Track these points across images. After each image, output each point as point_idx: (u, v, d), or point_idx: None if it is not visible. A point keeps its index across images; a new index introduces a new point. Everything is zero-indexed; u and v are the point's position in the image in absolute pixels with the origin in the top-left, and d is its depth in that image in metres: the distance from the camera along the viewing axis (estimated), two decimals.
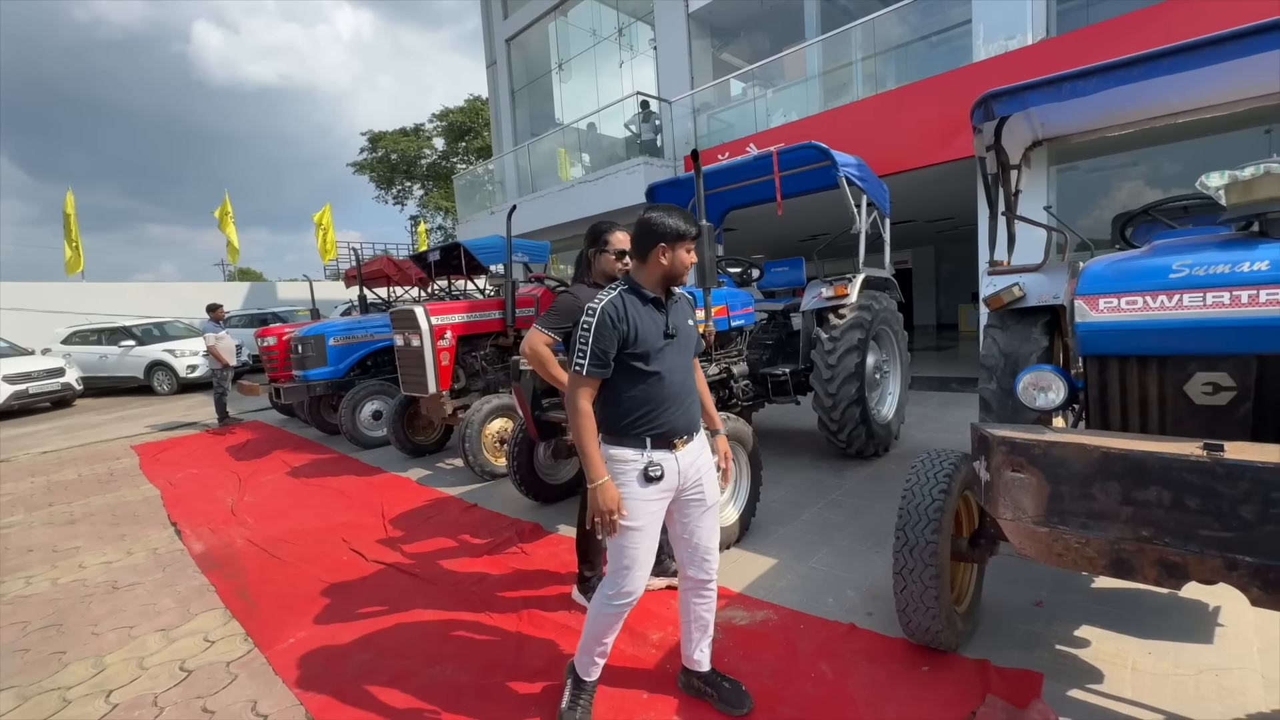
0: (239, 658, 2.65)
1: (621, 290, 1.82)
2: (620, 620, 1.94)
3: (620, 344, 1.76)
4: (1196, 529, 1.37)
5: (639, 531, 1.82)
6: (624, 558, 1.84)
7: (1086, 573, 1.67)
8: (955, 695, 1.98)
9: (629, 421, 1.80)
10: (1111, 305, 1.64)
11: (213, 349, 8.23)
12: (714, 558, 2.00)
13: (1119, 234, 3.14)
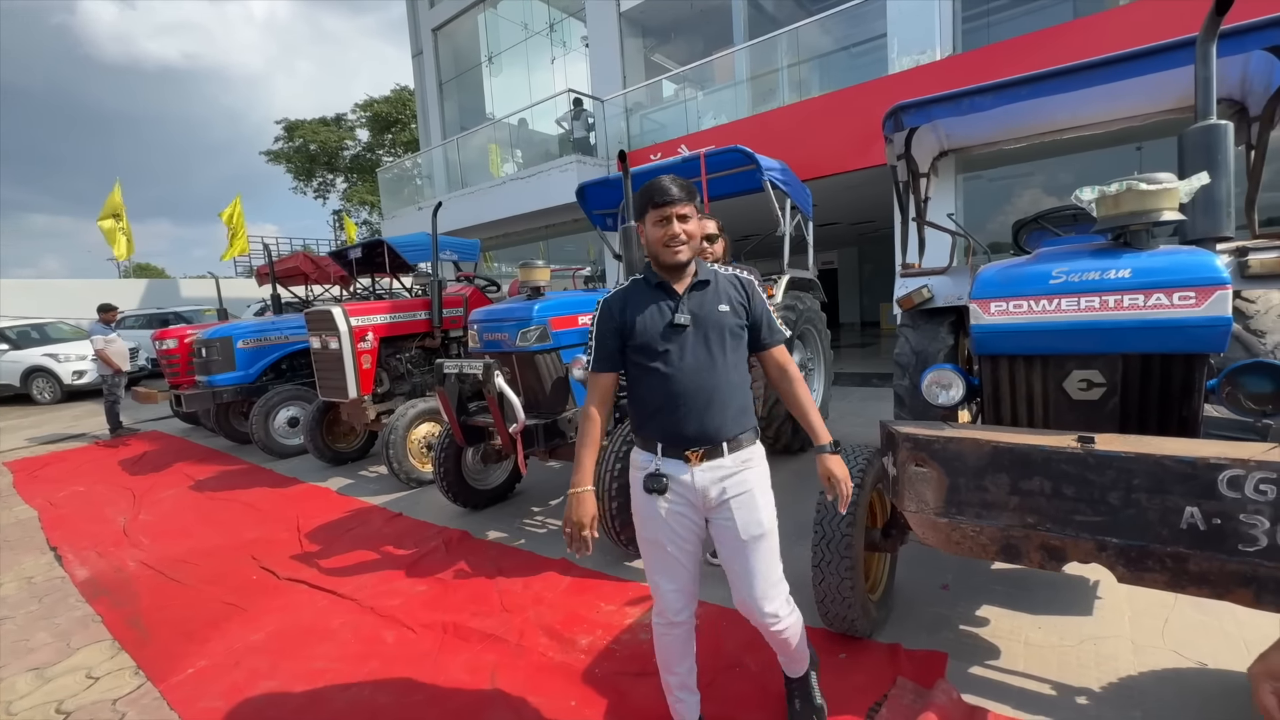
0: (127, 694, 2.42)
1: (634, 277, 1.70)
2: (670, 644, 1.74)
3: (621, 337, 1.63)
4: (1072, 515, 1.49)
5: (651, 545, 1.66)
6: (649, 574, 1.71)
7: (981, 559, 1.79)
8: (869, 680, 2.07)
9: (639, 423, 1.67)
10: (1001, 309, 1.76)
11: (102, 353, 7.49)
12: (766, 600, 1.64)
13: (1014, 239, 3.38)
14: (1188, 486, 1.34)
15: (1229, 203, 1.98)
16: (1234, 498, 1.30)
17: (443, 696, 2.21)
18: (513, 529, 3.76)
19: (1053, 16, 7.23)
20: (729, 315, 1.63)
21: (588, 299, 3.66)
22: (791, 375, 1.73)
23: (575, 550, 1.60)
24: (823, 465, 1.66)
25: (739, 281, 1.70)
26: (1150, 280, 1.55)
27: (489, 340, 3.50)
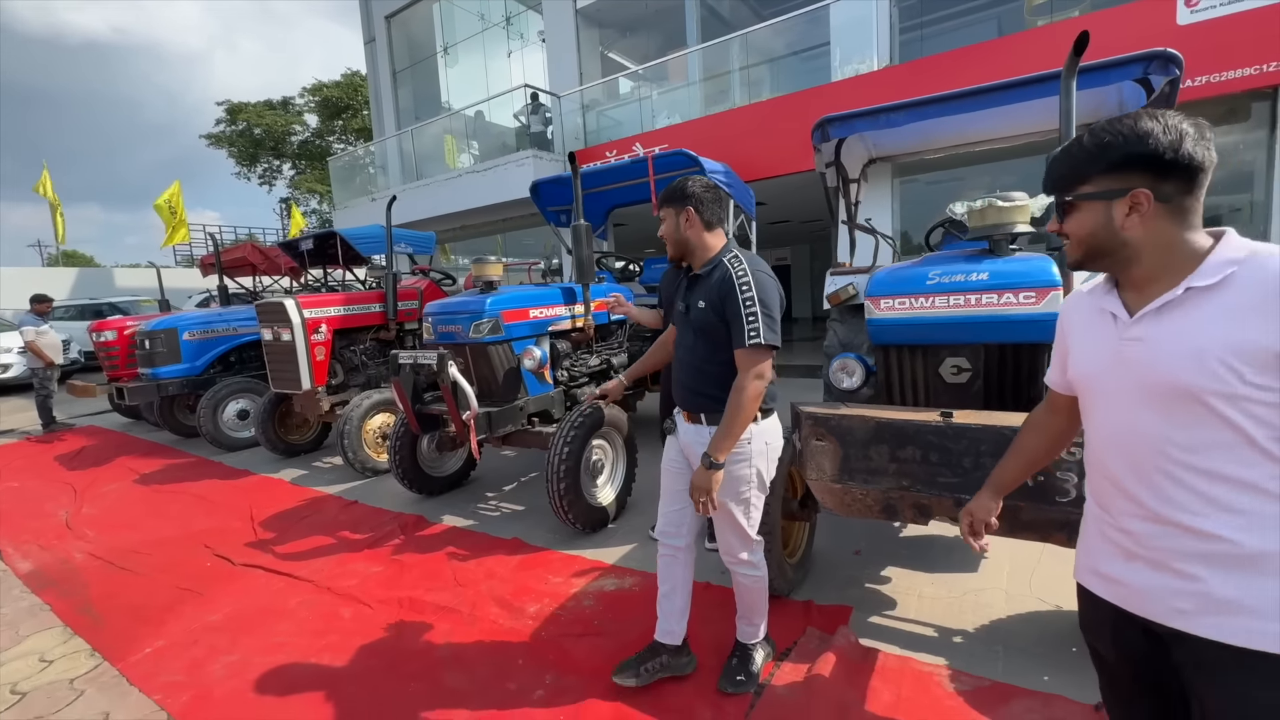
0: (84, 673, 2.50)
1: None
2: (661, 563, 2.13)
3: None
4: (937, 477, 1.79)
5: (662, 473, 2.10)
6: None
7: (867, 518, 2.09)
8: (784, 631, 2.35)
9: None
10: (889, 305, 2.06)
11: (32, 345, 7.19)
12: (729, 551, 1.97)
13: (925, 241, 3.74)
14: None
15: None
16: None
17: (399, 662, 2.39)
18: (468, 513, 3.93)
19: (980, 34, 7.76)
20: (706, 312, 1.84)
21: (540, 293, 3.85)
22: (737, 383, 1.78)
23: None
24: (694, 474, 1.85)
25: (725, 282, 1.81)
26: (1002, 282, 1.87)
27: (443, 332, 3.65)
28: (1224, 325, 0.92)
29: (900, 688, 2.00)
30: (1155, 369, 0.98)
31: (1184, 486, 0.97)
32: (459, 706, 2.10)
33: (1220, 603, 0.94)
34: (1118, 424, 1.05)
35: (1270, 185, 5.75)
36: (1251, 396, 0.90)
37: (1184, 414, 0.96)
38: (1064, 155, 1.06)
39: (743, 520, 1.94)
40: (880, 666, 2.11)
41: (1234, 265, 0.94)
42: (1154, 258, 1.00)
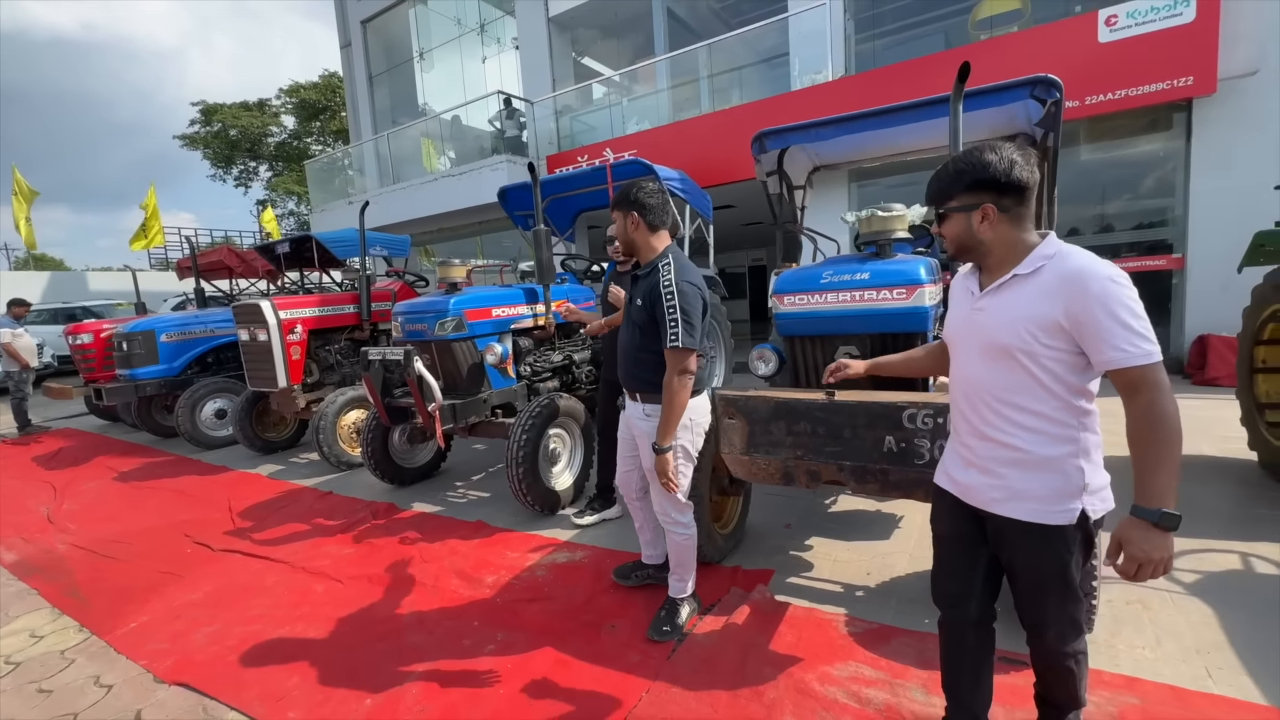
0: (74, 645, 2.72)
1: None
2: (633, 508, 2.61)
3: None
4: (824, 446, 2.10)
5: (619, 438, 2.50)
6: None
7: (771, 484, 2.39)
8: (711, 591, 2.65)
9: None
10: (791, 301, 2.37)
11: (9, 347, 7.27)
12: (660, 510, 2.31)
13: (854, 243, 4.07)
14: (887, 422, 1.97)
15: None
16: (911, 428, 1.93)
17: (366, 627, 2.65)
18: (436, 500, 4.18)
19: (929, 45, 8.17)
20: (641, 310, 2.16)
21: (502, 293, 4.11)
22: (666, 379, 2.06)
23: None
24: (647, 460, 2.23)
25: (655, 289, 2.09)
26: (879, 281, 2.19)
27: (411, 330, 3.90)
28: (1030, 302, 1.30)
29: (802, 632, 2.31)
30: (987, 332, 1.37)
31: (1000, 415, 1.37)
32: (419, 660, 2.36)
33: (1017, 492, 1.37)
34: (963, 370, 1.47)
35: (1187, 189, 6.22)
36: (1043, 353, 1.29)
37: (1001, 364, 1.35)
38: (936, 178, 1.44)
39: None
40: (789, 616, 2.42)
41: (1046, 260, 1.32)
42: (999, 252, 1.38)
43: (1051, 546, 1.35)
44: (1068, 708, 1.55)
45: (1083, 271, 1.24)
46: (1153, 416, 1.21)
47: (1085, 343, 1.25)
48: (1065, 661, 1.47)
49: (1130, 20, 5.79)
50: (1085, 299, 1.22)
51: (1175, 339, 6.49)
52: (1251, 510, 3.09)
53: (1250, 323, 3.63)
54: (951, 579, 1.57)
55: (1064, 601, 1.39)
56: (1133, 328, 1.20)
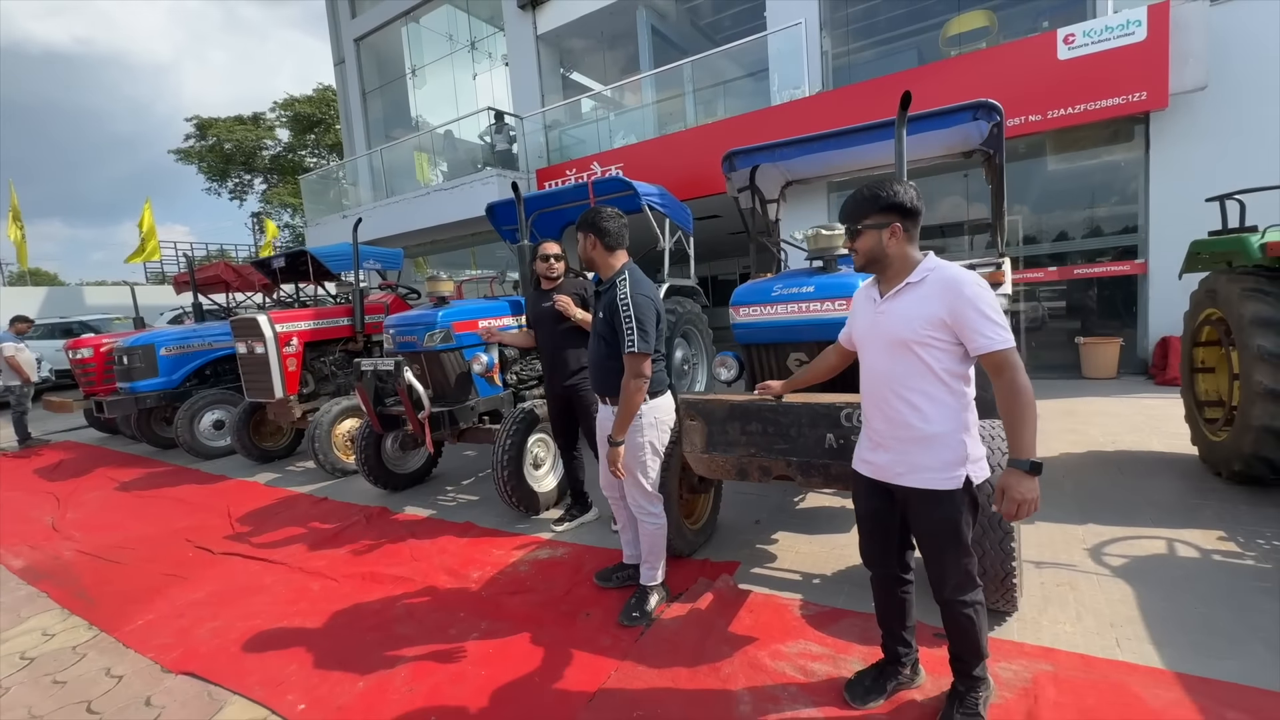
0: (85, 641, 2.90)
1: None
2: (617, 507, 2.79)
3: None
4: (773, 444, 2.32)
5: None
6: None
7: (728, 479, 2.60)
8: (680, 582, 2.85)
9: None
10: (747, 312, 2.59)
11: (11, 361, 7.45)
12: (632, 501, 2.55)
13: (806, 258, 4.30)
14: (827, 421, 2.19)
15: None
16: (848, 425, 2.15)
17: (360, 619, 2.84)
18: (428, 503, 4.37)
19: (903, 62, 8.48)
20: (603, 322, 2.44)
21: (488, 306, 4.33)
22: (624, 380, 2.34)
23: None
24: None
25: (613, 303, 2.36)
26: (823, 293, 2.41)
27: (402, 342, 4.10)
28: (921, 304, 1.61)
29: (760, 615, 2.52)
30: (889, 330, 1.66)
31: (901, 399, 1.65)
32: (408, 647, 2.55)
33: (917, 465, 1.66)
34: (870, 364, 1.75)
35: (1148, 195, 6.50)
36: (931, 345, 1.59)
37: (901, 356, 1.65)
38: (855, 201, 1.72)
39: (643, 480, 2.51)
40: (749, 602, 2.63)
41: (929, 271, 1.65)
42: (897, 265, 1.69)
43: (945, 508, 1.65)
44: (973, 660, 1.79)
45: (957, 279, 1.57)
46: (1015, 388, 1.53)
47: (962, 333, 1.55)
48: (964, 610, 1.73)
49: (1087, 39, 6.08)
50: (960, 300, 1.54)
51: (1140, 341, 6.75)
52: (1186, 500, 3.31)
53: (1188, 326, 3.88)
54: (872, 545, 1.89)
55: (959, 555, 1.69)
56: (995, 321, 1.53)
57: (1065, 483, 3.71)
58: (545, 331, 3.26)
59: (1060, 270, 7.05)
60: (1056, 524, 3.14)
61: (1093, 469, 3.93)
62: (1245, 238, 3.21)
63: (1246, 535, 2.85)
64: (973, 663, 1.79)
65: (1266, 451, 3.05)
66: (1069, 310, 7.84)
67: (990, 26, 7.77)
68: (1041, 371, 7.42)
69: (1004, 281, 3.75)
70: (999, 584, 2.18)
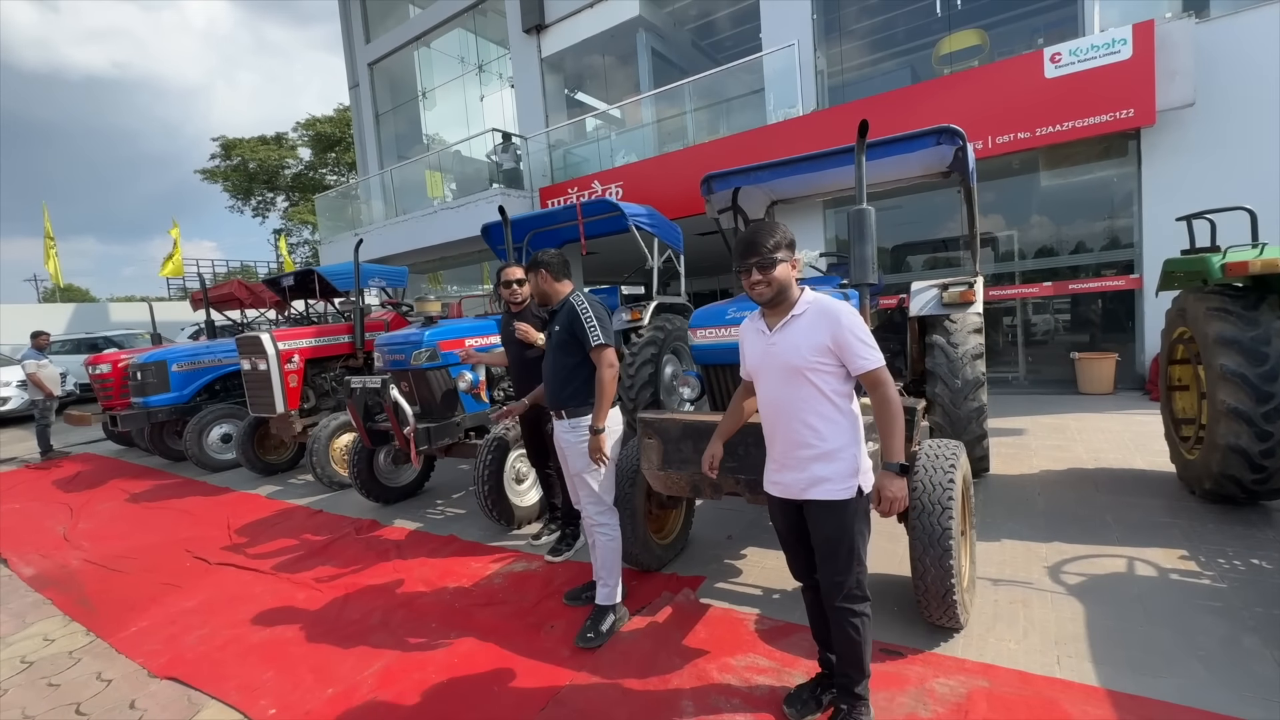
0: (81, 647, 3.06)
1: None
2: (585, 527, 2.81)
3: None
4: (724, 462, 2.40)
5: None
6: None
7: (683, 495, 2.69)
8: (645, 596, 2.94)
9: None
10: (704, 334, 2.70)
11: (34, 378, 7.78)
12: (583, 508, 2.71)
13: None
14: None
15: (875, 260, 2.98)
16: None
17: (337, 628, 2.96)
18: (416, 516, 4.50)
19: (896, 80, 8.57)
20: (562, 333, 2.66)
21: (475, 325, 4.48)
22: (597, 373, 2.56)
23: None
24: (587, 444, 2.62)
25: (571, 312, 2.64)
26: None
27: (391, 360, 4.27)
28: (805, 334, 1.75)
29: (715, 629, 2.59)
30: (780, 359, 1.79)
31: (797, 421, 1.79)
32: (378, 657, 2.66)
33: (818, 479, 1.78)
34: (767, 392, 1.87)
35: (1141, 209, 6.49)
36: (819, 369, 1.75)
37: (793, 382, 1.77)
38: (767, 234, 1.80)
39: (595, 486, 2.65)
40: (707, 616, 2.70)
41: (809, 304, 1.79)
42: (790, 295, 1.83)
43: (841, 516, 1.78)
44: (855, 675, 1.88)
45: (836, 309, 1.75)
46: (887, 400, 1.73)
47: (844, 356, 1.73)
48: (852, 619, 1.83)
49: (1073, 57, 6.13)
50: (840, 328, 1.72)
51: (1138, 356, 6.70)
52: (1155, 519, 3.32)
53: (1164, 343, 3.89)
54: (795, 560, 2.02)
55: (851, 562, 1.81)
56: (869, 345, 1.72)
57: (1038, 500, 3.73)
58: (513, 354, 3.38)
59: (1055, 285, 7.04)
60: (1021, 541, 3.17)
61: (1069, 486, 3.94)
62: (1208, 258, 3.24)
63: (1209, 555, 2.86)
64: (855, 678, 1.88)
65: (1233, 470, 3.06)
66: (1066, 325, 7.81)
67: (983, 45, 7.85)
68: (1037, 387, 7.38)
69: (975, 300, 3.81)
70: (939, 600, 2.23)
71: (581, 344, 2.61)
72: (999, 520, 3.47)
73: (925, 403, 3.76)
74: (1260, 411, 2.89)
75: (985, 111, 6.65)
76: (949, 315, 3.95)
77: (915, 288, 4.07)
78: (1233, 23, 5.92)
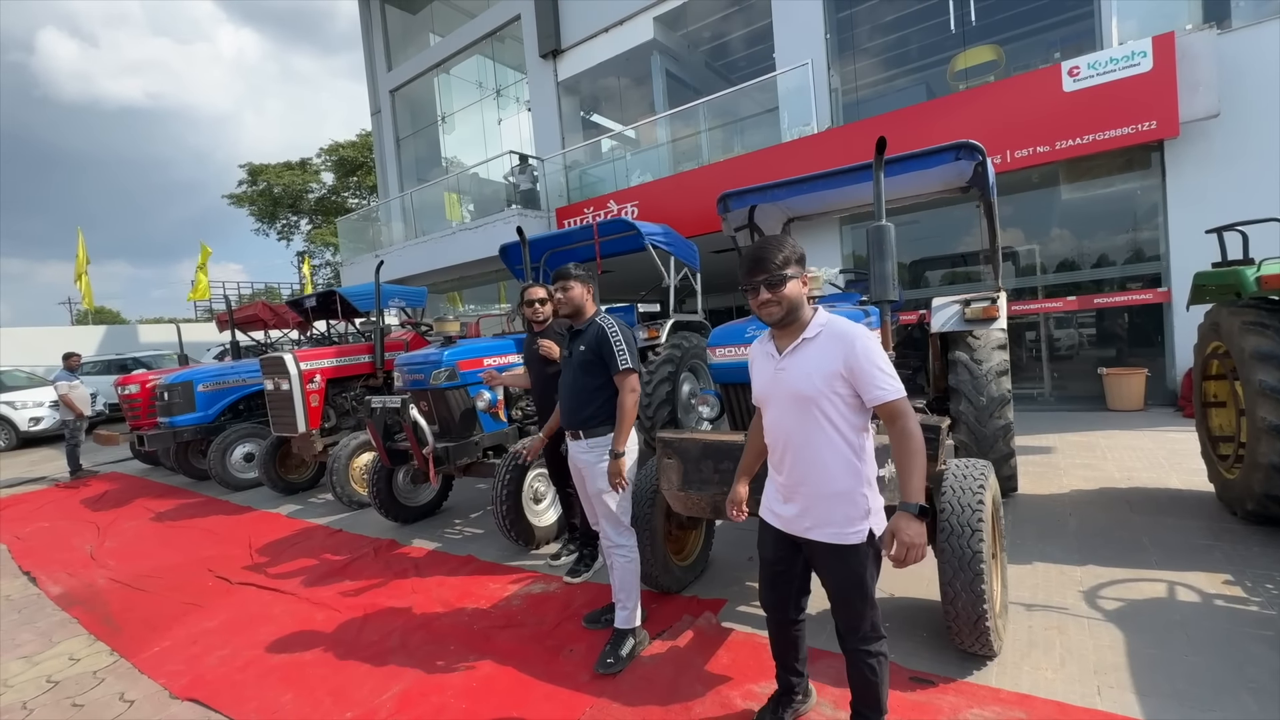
0: (105, 666, 3.08)
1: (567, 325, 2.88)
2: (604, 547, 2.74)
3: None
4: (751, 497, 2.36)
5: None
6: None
7: (703, 516, 2.65)
8: (665, 619, 2.88)
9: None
10: (722, 353, 2.68)
11: (65, 399, 7.98)
12: (601, 530, 2.67)
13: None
14: None
15: (895, 276, 2.95)
16: None
17: (356, 650, 2.94)
18: (435, 536, 4.50)
19: (911, 96, 8.58)
20: (586, 353, 2.64)
21: (493, 344, 4.51)
22: (620, 397, 2.56)
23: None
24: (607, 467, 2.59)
25: (600, 333, 2.61)
26: None
27: (411, 380, 4.30)
28: (817, 359, 1.64)
29: (737, 654, 2.53)
30: (790, 385, 1.68)
31: (807, 454, 1.67)
32: (397, 679, 2.64)
33: (823, 519, 1.67)
34: (775, 420, 1.76)
35: (1166, 219, 6.37)
36: (830, 397, 1.62)
37: (803, 412, 1.66)
38: (776, 250, 1.66)
39: (614, 506, 2.61)
40: (729, 641, 2.64)
41: (822, 326, 1.68)
42: (803, 315, 1.70)
43: (850, 562, 1.67)
44: (872, 715, 1.79)
45: (849, 333, 1.61)
46: (907, 434, 1.57)
47: (859, 385, 1.59)
48: (869, 660, 1.74)
49: (1092, 71, 6.09)
50: (854, 353, 1.58)
51: (1169, 372, 6.52)
52: (1195, 541, 3.19)
53: (1198, 358, 3.78)
54: (772, 592, 1.93)
55: (865, 606, 1.71)
56: (887, 373, 1.58)
57: (1070, 521, 3.62)
58: (535, 372, 3.39)
59: (1080, 300, 6.91)
60: (1054, 564, 3.07)
61: (1102, 506, 3.82)
62: (1241, 270, 3.16)
63: (1255, 580, 2.73)
64: (872, 718, 1.79)
65: (1277, 491, 2.94)
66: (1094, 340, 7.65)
67: (998, 60, 7.83)
68: (1065, 404, 7.21)
69: (998, 316, 3.75)
70: (971, 626, 2.16)
71: (605, 366, 2.59)
72: (1030, 542, 3.37)
73: (950, 421, 3.69)
74: None
75: (1003, 126, 6.61)
76: (971, 331, 3.89)
77: (936, 304, 4.01)
78: (1255, 33, 5.84)
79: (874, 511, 1.67)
